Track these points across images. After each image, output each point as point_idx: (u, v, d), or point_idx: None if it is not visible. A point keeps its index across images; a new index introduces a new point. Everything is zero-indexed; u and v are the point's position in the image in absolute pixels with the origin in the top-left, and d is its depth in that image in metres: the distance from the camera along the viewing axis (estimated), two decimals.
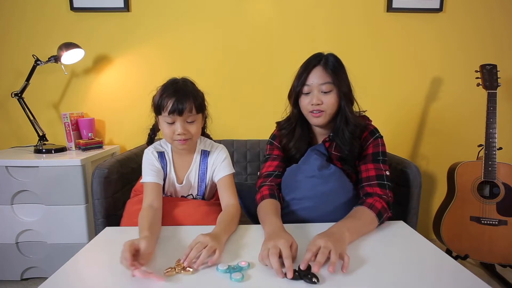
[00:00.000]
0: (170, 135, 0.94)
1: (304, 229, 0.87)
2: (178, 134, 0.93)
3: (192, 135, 0.96)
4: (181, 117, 0.92)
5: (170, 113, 0.91)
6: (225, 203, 0.98)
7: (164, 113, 0.92)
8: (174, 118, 0.92)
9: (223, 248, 0.75)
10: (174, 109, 0.90)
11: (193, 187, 1.06)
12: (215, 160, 1.04)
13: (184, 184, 1.04)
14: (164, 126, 0.95)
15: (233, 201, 0.98)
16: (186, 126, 0.94)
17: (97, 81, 1.82)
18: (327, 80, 0.95)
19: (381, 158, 0.97)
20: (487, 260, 1.46)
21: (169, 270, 0.65)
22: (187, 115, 0.92)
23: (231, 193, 0.99)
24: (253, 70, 1.82)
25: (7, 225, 1.47)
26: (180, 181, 1.05)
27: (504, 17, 1.80)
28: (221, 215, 0.91)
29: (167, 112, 0.91)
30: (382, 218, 0.88)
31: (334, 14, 1.79)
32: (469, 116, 1.86)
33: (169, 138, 0.96)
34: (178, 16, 1.77)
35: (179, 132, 0.92)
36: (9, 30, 1.76)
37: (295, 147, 1.03)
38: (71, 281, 0.64)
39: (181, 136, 0.93)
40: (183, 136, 0.93)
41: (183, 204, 1.00)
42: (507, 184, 1.43)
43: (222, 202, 0.99)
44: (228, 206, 0.96)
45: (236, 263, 0.68)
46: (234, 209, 0.95)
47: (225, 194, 0.99)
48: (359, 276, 0.65)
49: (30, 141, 1.80)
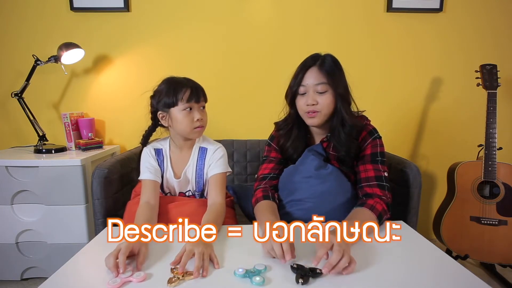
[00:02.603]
0: (189, 123, 0.97)
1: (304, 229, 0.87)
2: (197, 120, 0.97)
3: (206, 122, 1.01)
4: (198, 104, 0.97)
5: (189, 101, 0.95)
6: (211, 201, 0.99)
7: (181, 103, 0.95)
8: (192, 105, 0.96)
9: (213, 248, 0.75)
10: (193, 97, 0.95)
11: (191, 183, 1.07)
12: (212, 157, 1.05)
13: (181, 179, 1.06)
14: (180, 116, 0.97)
15: (219, 200, 0.99)
16: (201, 113, 0.99)
17: (97, 81, 1.82)
18: (322, 80, 0.95)
19: (380, 159, 0.97)
20: (487, 260, 1.46)
21: (173, 280, 0.62)
22: (202, 102, 0.99)
23: (219, 192, 1.00)
24: (253, 70, 1.82)
25: (7, 225, 1.47)
26: (178, 177, 1.06)
27: (504, 17, 1.79)
28: (206, 214, 0.92)
29: (185, 100, 0.95)
30: (382, 220, 0.88)
31: (334, 14, 1.79)
32: (469, 116, 1.86)
33: (188, 127, 0.97)
34: (178, 16, 1.77)
35: (199, 118, 0.96)
36: (9, 30, 1.76)
37: (293, 147, 1.03)
38: (71, 281, 0.64)
39: (200, 122, 0.97)
40: (201, 122, 0.97)
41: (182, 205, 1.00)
42: (507, 184, 1.43)
43: (208, 199, 1.00)
44: (214, 204, 0.97)
45: (253, 266, 0.66)
46: (219, 207, 0.96)
47: (213, 192, 1.00)
48: (359, 276, 0.65)
49: (30, 141, 1.79)
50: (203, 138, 1.10)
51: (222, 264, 0.70)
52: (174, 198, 1.05)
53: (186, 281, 0.63)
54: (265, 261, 0.70)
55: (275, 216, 0.89)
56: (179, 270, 0.65)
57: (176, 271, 0.65)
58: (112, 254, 0.67)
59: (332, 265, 0.63)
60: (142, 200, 0.96)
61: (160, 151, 1.06)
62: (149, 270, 0.67)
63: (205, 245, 0.72)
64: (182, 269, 0.65)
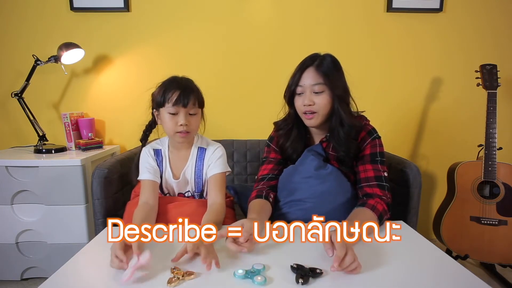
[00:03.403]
0: (172, 127, 0.96)
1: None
2: (181, 125, 0.95)
3: (193, 129, 0.98)
4: (185, 108, 0.95)
5: (175, 104, 0.93)
6: (211, 201, 0.98)
7: (168, 105, 0.94)
8: (178, 109, 0.94)
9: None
10: (180, 100, 0.93)
11: (190, 183, 1.07)
12: (211, 157, 1.05)
13: (180, 180, 1.05)
14: (166, 118, 0.96)
15: (219, 200, 0.98)
16: (188, 118, 0.96)
17: (97, 81, 1.82)
18: (319, 81, 0.94)
19: (379, 159, 0.97)
20: (487, 260, 1.46)
21: (173, 280, 0.62)
22: (190, 107, 0.95)
23: (219, 191, 1.00)
24: (253, 70, 1.82)
25: (7, 225, 1.47)
26: (176, 177, 1.05)
27: (504, 17, 1.79)
28: (206, 214, 0.92)
29: (171, 103, 0.94)
30: (382, 220, 0.88)
31: (334, 14, 1.79)
32: (469, 116, 1.86)
33: (171, 131, 0.97)
34: (178, 16, 1.77)
35: (182, 123, 0.94)
36: (9, 30, 1.76)
37: (292, 147, 1.03)
38: (71, 281, 0.64)
39: (183, 127, 0.95)
40: (185, 127, 0.95)
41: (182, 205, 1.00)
42: (507, 184, 1.43)
43: (208, 199, 1.00)
44: (214, 204, 0.97)
45: (251, 266, 0.66)
46: (219, 207, 0.96)
47: (213, 192, 1.00)
48: (359, 276, 0.65)
49: (30, 141, 1.79)
50: (201, 138, 1.09)
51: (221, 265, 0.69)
52: (173, 199, 1.05)
53: (186, 281, 0.63)
54: (263, 260, 0.70)
55: (257, 214, 0.89)
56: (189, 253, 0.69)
57: (176, 271, 0.65)
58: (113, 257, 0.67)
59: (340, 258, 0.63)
60: (140, 200, 0.96)
61: (159, 152, 1.06)
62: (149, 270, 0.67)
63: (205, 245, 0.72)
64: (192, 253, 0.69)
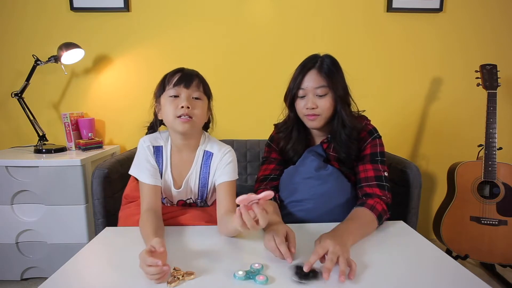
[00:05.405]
0: (173, 110, 0.84)
1: (304, 229, 0.87)
2: (182, 107, 0.83)
3: (196, 115, 0.86)
4: (187, 90, 0.85)
5: (176, 85, 0.85)
6: (224, 209, 0.87)
7: (168, 87, 0.86)
8: (180, 90, 0.85)
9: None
10: (182, 80, 0.85)
11: (193, 192, 0.97)
12: (219, 163, 0.94)
13: (182, 189, 0.95)
14: (167, 102, 0.86)
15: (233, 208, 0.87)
16: (192, 102, 0.86)
17: (97, 81, 1.82)
18: (322, 83, 0.94)
19: (380, 159, 0.97)
20: (487, 260, 1.46)
21: (173, 281, 0.62)
22: (193, 89, 0.86)
23: (230, 199, 0.89)
24: (253, 70, 1.82)
25: (7, 225, 1.47)
26: (178, 186, 0.94)
27: (504, 17, 1.80)
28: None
29: (172, 84, 0.85)
30: (382, 220, 0.88)
31: (334, 14, 1.79)
32: (469, 116, 1.86)
33: (171, 116, 0.85)
34: (178, 16, 1.77)
35: (184, 105, 0.83)
36: (9, 30, 1.76)
37: (293, 149, 1.03)
38: (71, 281, 0.64)
39: (185, 110, 0.83)
40: (187, 110, 0.84)
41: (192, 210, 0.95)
42: (507, 184, 1.43)
43: (220, 208, 0.88)
44: (231, 212, 0.84)
45: (249, 266, 0.66)
46: None
47: (225, 201, 0.88)
48: (359, 276, 0.65)
49: (30, 141, 1.79)
50: (208, 139, 0.98)
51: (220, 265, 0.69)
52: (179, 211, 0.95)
53: (186, 281, 0.63)
54: (260, 260, 0.70)
55: (277, 215, 0.89)
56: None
57: (176, 272, 0.65)
58: (146, 268, 0.61)
59: (329, 270, 0.62)
60: (143, 208, 0.85)
61: (159, 150, 0.93)
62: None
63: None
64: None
